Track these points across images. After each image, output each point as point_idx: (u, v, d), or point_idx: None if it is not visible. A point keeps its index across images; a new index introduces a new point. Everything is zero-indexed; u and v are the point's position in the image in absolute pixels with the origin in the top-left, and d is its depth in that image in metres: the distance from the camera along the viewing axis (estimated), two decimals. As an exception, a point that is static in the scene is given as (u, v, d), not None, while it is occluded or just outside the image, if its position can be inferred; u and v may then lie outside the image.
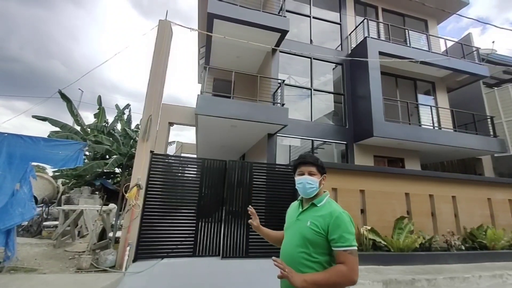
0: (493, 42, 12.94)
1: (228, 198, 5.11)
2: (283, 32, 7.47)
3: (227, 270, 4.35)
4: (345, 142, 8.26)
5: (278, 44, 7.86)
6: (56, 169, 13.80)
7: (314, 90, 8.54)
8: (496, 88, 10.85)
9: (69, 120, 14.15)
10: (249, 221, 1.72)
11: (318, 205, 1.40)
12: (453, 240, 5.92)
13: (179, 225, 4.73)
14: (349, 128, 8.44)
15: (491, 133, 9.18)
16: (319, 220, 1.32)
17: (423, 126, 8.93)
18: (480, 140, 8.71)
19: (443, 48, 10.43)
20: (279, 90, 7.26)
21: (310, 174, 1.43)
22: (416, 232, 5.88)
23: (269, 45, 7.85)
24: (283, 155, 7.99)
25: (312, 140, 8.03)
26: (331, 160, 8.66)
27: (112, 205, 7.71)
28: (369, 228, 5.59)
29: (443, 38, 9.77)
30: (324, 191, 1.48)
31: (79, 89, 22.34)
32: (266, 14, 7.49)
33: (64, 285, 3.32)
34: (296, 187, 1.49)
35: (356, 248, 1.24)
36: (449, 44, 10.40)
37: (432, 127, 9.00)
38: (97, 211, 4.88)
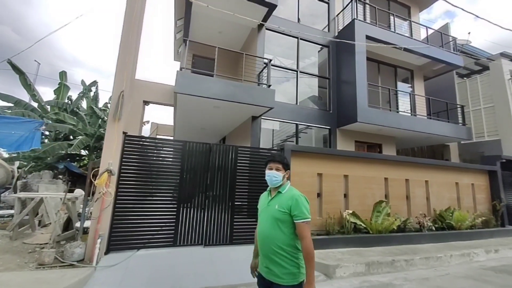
0: (469, 33, 13.53)
1: (211, 183, 4.80)
2: (271, 7, 6.96)
3: (211, 258, 4.13)
4: (328, 127, 8.22)
5: (265, 19, 7.33)
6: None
7: (300, 72, 8.25)
8: (467, 78, 11.46)
9: (24, 97, 12.44)
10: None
11: (282, 192, 1.81)
12: (425, 221, 6.29)
13: (157, 213, 4.36)
14: (333, 113, 8.39)
15: (461, 121, 9.75)
16: (284, 203, 1.73)
17: (401, 113, 9.18)
18: (451, 128, 9.21)
19: (422, 36, 10.62)
20: (264, 71, 6.86)
21: (277, 169, 1.84)
22: (393, 215, 6.12)
23: (256, 20, 7.29)
24: (265, 139, 7.75)
25: (296, 124, 7.86)
26: (309, 145, 8.61)
27: (79, 191, 7.01)
28: (350, 212, 5.68)
29: (425, 26, 9.88)
30: (287, 181, 1.88)
31: (35, 60, 19.68)
32: (253, -15, 6.86)
33: (22, 285, 2.86)
34: (265, 178, 1.87)
35: (310, 219, 1.68)
36: (427, 33, 10.59)
37: (410, 114, 9.29)
38: (61, 199, 4.30)
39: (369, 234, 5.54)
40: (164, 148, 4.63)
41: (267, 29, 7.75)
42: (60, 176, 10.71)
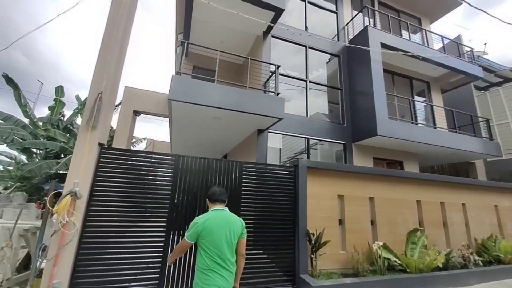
0: (485, 44, 13.09)
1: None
2: (278, 11, 6.39)
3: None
4: (343, 142, 7.32)
5: (272, 24, 6.74)
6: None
7: (310, 82, 7.53)
8: (487, 91, 10.71)
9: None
10: None
11: None
12: (470, 254, 5.15)
13: (138, 249, 3.34)
14: (347, 126, 7.53)
15: (485, 136, 8.83)
16: None
17: (423, 126, 8.31)
18: (479, 143, 8.27)
19: (436, 47, 10.06)
20: (271, 79, 6.13)
21: None
22: (431, 247, 5.02)
23: (261, 27, 6.72)
24: (270, 157, 6.79)
25: (307, 138, 6.98)
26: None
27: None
28: (381, 244, 4.59)
29: (440, 35, 9.33)
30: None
31: (38, 80, 19.76)
32: (259, -13, 6.34)
33: None
34: None
35: (184, 238, 2.18)
36: (440, 44, 10.05)
37: (434, 128, 8.42)
38: (13, 230, 3.32)
39: (406, 273, 4.42)
40: (149, 164, 3.71)
41: (273, 36, 7.16)
42: (46, 198, 9.73)
